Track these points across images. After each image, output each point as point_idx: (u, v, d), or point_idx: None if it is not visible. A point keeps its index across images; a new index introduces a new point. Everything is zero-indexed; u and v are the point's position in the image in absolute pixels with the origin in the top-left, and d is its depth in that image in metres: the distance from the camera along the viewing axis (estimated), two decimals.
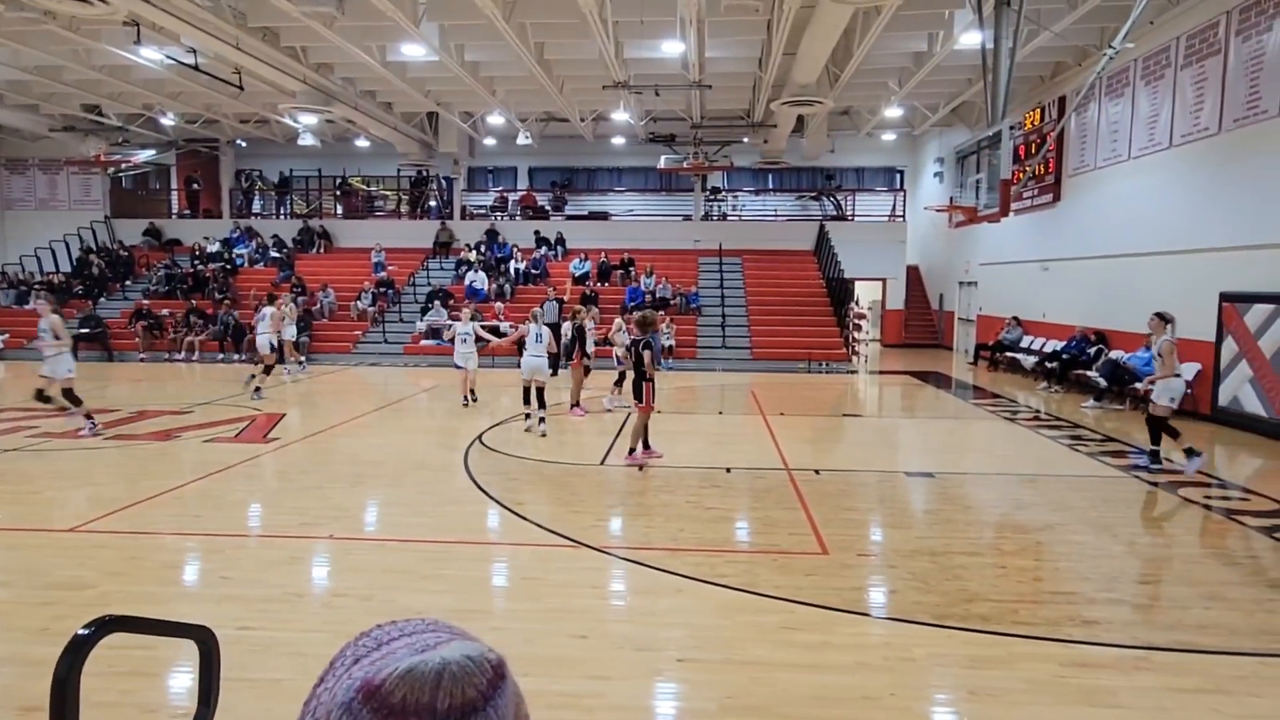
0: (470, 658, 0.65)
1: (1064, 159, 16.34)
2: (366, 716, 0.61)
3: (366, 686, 0.62)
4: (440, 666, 0.63)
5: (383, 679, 0.62)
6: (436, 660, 0.64)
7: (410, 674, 0.62)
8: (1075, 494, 7.43)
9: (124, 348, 19.34)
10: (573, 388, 11.78)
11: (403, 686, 0.62)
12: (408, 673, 0.62)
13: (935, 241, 24.90)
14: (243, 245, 23.93)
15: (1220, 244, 11.30)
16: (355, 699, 0.62)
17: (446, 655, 0.64)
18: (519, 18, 12.95)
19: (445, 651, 0.65)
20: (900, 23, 12.72)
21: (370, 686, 0.62)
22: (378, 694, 0.62)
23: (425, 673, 0.62)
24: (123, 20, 12.22)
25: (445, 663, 0.63)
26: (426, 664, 0.63)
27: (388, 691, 0.62)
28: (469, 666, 0.64)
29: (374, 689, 0.62)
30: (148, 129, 22.35)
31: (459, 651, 0.65)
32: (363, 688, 0.62)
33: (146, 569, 5.28)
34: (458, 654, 0.64)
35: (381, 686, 0.62)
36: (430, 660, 0.64)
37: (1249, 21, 10.77)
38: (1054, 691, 3.74)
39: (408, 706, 0.61)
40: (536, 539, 5.99)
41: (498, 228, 24.09)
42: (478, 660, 0.65)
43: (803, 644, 4.23)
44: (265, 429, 10.20)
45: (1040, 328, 17.00)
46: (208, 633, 1.40)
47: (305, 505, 6.77)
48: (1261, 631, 4.43)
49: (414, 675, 0.62)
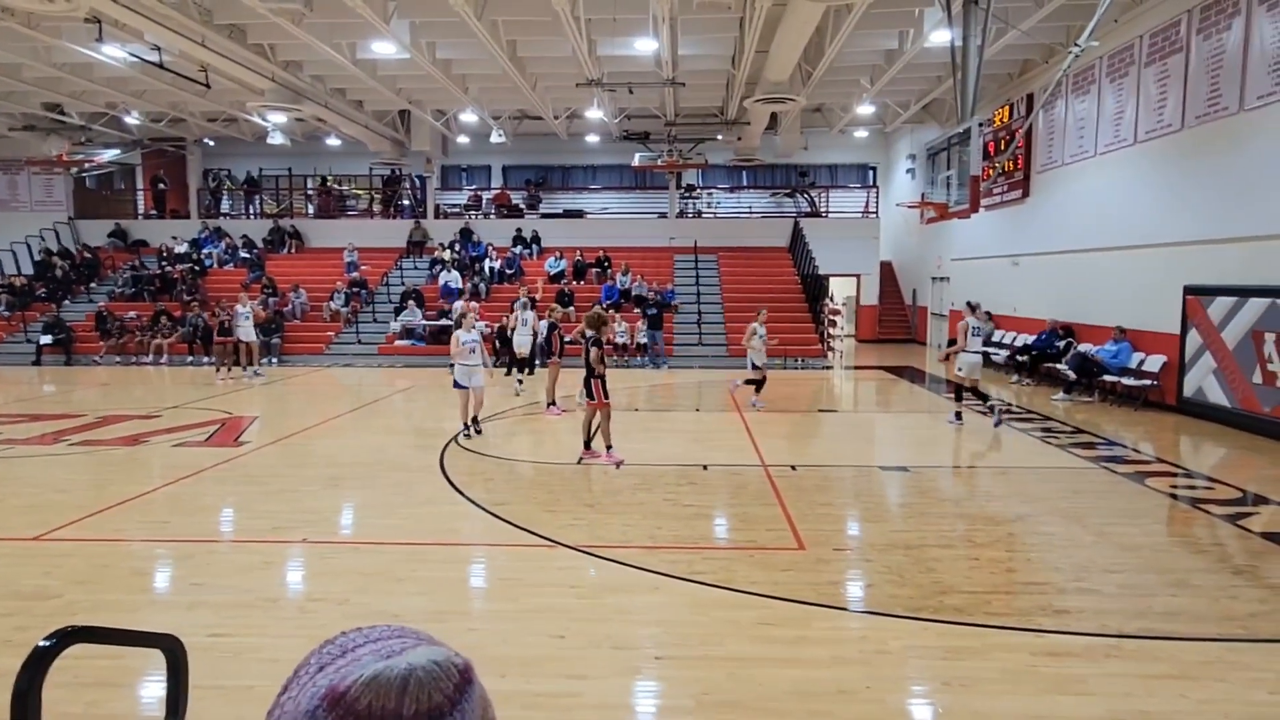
0: (436, 663, 0.64)
1: (1032, 155, 16.57)
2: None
3: (332, 694, 0.62)
4: (406, 672, 0.62)
5: (347, 686, 0.62)
6: (402, 666, 0.63)
7: (375, 680, 0.62)
8: (1046, 485, 7.54)
9: (90, 351, 18.96)
10: (548, 386, 11.74)
11: (368, 693, 0.61)
12: (373, 679, 0.62)
13: (908, 237, 25.16)
14: (211, 246, 23.55)
15: (1184, 238, 11.52)
16: (320, 706, 0.62)
17: (413, 661, 0.63)
18: (491, 15, 12.87)
19: (411, 657, 0.64)
20: (871, 21, 12.81)
21: (335, 694, 0.62)
22: (343, 701, 0.61)
23: (391, 679, 0.62)
24: (84, 17, 11.96)
25: (411, 668, 0.63)
26: (392, 670, 0.62)
27: (353, 698, 0.61)
28: (435, 672, 0.63)
29: (339, 696, 0.61)
30: (112, 128, 21.91)
31: (425, 657, 0.64)
32: (328, 695, 0.62)
33: (115, 576, 5.18)
34: (424, 659, 0.64)
35: (347, 693, 0.61)
36: (396, 666, 0.63)
37: (1209, 20, 10.99)
38: (1027, 680, 3.79)
39: (373, 713, 0.60)
40: (513, 539, 5.96)
41: (472, 226, 23.94)
42: (444, 665, 0.64)
43: (780, 639, 4.25)
44: (236, 432, 10.05)
45: (1011, 322, 17.24)
46: (175, 641, 1.37)
47: (278, 509, 6.68)
48: (1226, 618, 4.53)
49: (379, 681, 0.62)
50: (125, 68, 15.44)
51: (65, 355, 18.68)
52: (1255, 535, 6.08)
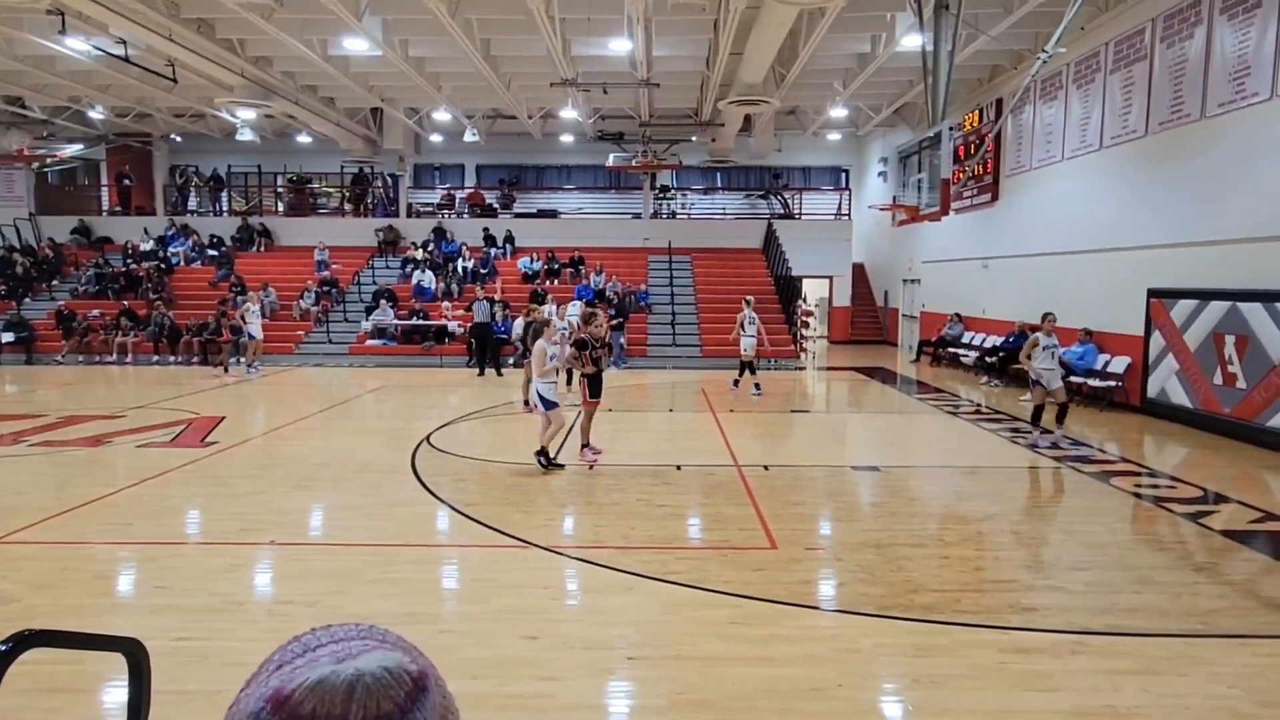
0: (388, 669, 0.62)
1: (1001, 160, 16.82)
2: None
3: (276, 696, 0.60)
4: (354, 678, 0.60)
5: (292, 689, 0.60)
6: (350, 671, 0.61)
7: (321, 685, 0.60)
8: (1014, 485, 7.66)
9: (52, 350, 18.53)
10: (523, 385, 11.68)
11: (312, 698, 0.59)
12: (318, 684, 0.60)
13: (880, 239, 25.41)
14: (178, 244, 23.13)
15: (1148, 242, 11.77)
16: (264, 709, 0.60)
17: (361, 666, 0.61)
18: (465, 13, 12.78)
19: (361, 662, 0.62)
20: (844, 24, 12.92)
21: (280, 697, 0.60)
22: (286, 704, 0.59)
23: (337, 684, 0.60)
24: (46, 9, 11.69)
25: (359, 674, 0.60)
26: (339, 675, 0.60)
27: (296, 703, 0.59)
28: (385, 679, 0.61)
29: (283, 700, 0.59)
30: (75, 122, 21.45)
31: (376, 663, 0.62)
32: (272, 697, 0.60)
33: (76, 580, 5.06)
34: (374, 665, 0.61)
35: (290, 697, 0.59)
36: (343, 672, 0.61)
37: (1172, 29, 11.24)
38: (994, 677, 3.84)
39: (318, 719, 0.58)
40: (486, 540, 5.92)
41: (445, 226, 23.77)
42: (395, 672, 0.62)
43: (751, 638, 4.27)
44: (203, 433, 9.88)
45: (981, 324, 17.48)
46: (136, 644, 1.34)
47: (246, 510, 6.58)
48: (1187, 614, 4.63)
49: (325, 687, 0.59)
50: (89, 61, 15.08)
51: (26, 354, 18.24)
52: (1215, 533, 6.22)
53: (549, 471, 7.84)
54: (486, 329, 16.89)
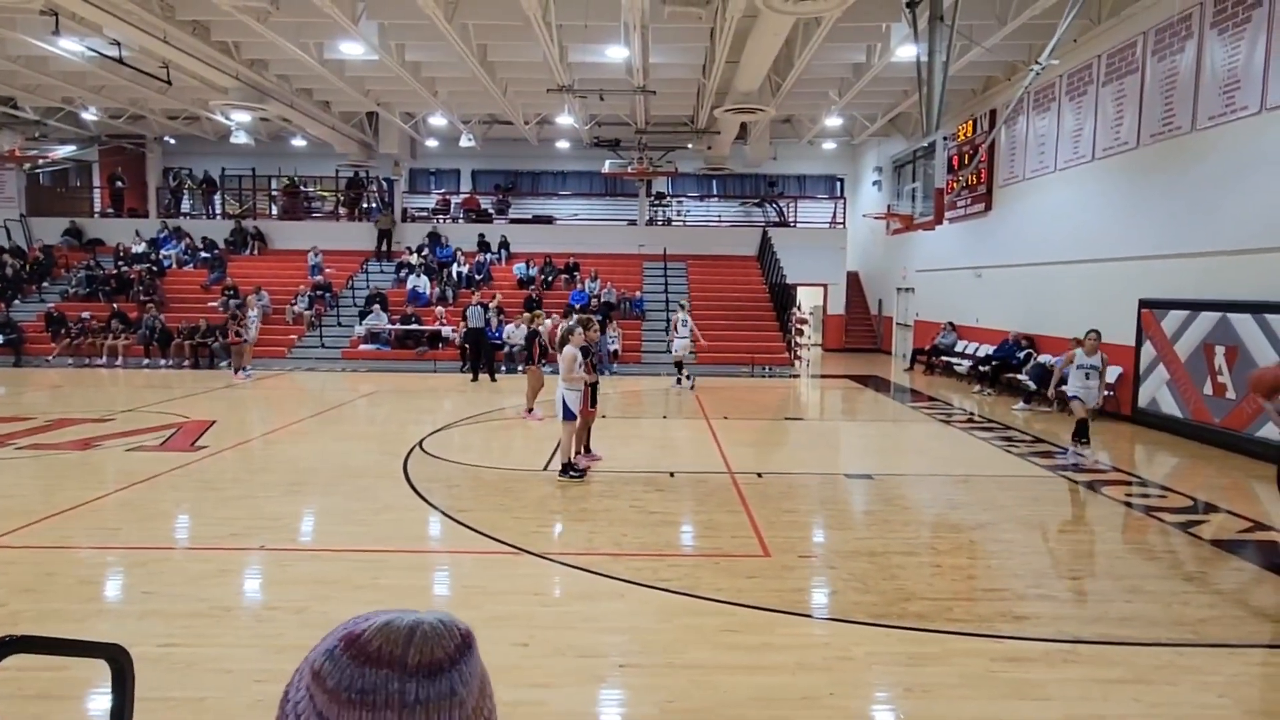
0: (443, 621, 0.73)
1: (995, 170, 16.90)
2: (345, 662, 0.69)
3: (348, 636, 0.71)
4: (415, 623, 0.71)
5: (362, 629, 0.71)
6: (411, 618, 0.72)
7: (387, 627, 0.71)
8: (1006, 493, 7.67)
9: (42, 352, 18.42)
10: (528, 392, 11.65)
11: (379, 637, 0.70)
12: (385, 625, 0.71)
13: (874, 248, 25.49)
14: (170, 246, 23.04)
15: (1139, 253, 11.83)
16: (338, 646, 0.71)
17: (422, 616, 0.73)
18: (461, 18, 12.79)
19: (422, 614, 0.73)
20: (840, 34, 12.98)
21: (351, 636, 0.71)
22: (357, 643, 0.70)
23: (400, 627, 0.71)
24: (40, 9, 11.66)
25: (420, 621, 0.72)
26: (403, 619, 0.72)
27: (365, 640, 0.70)
28: (440, 629, 0.72)
29: (354, 638, 0.70)
30: (68, 123, 21.39)
31: (434, 615, 0.73)
32: (345, 636, 0.71)
33: (61, 585, 5.01)
34: (432, 617, 0.73)
35: (360, 636, 0.70)
36: (405, 617, 0.72)
37: (1163, 43, 11.33)
38: (986, 686, 3.84)
39: (381, 657, 0.69)
40: (477, 546, 5.89)
41: (440, 231, 23.75)
42: (449, 625, 0.73)
43: (744, 646, 4.26)
44: (193, 436, 9.82)
45: (974, 333, 17.54)
46: (119, 650, 1.32)
47: (235, 515, 6.53)
48: (1178, 623, 4.63)
49: (390, 628, 0.71)
50: (83, 62, 15.06)
51: (15, 356, 18.12)
52: (1205, 542, 6.24)
53: (571, 481, 7.75)
54: (481, 334, 16.86)
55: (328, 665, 0.70)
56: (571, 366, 7.88)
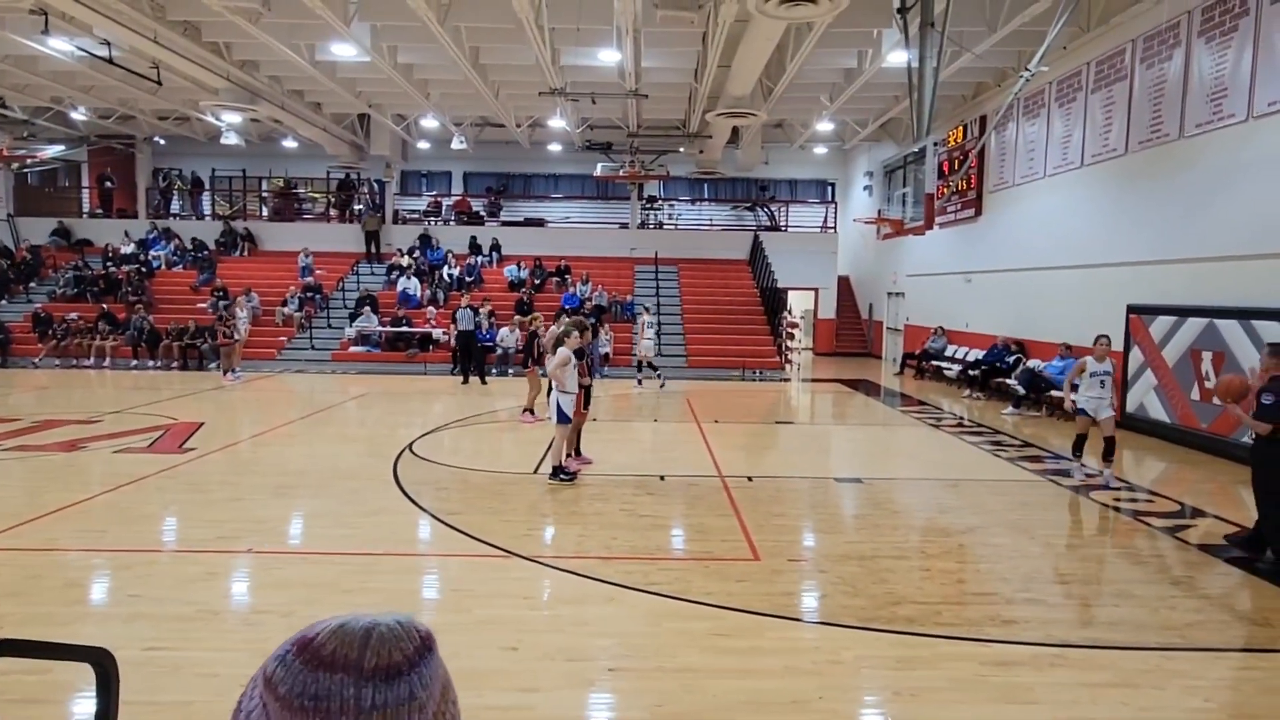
0: (400, 623, 0.70)
1: (985, 175, 17.00)
2: (298, 667, 0.67)
3: (301, 640, 0.69)
4: (371, 625, 0.69)
5: (316, 634, 0.69)
6: (367, 620, 0.70)
7: (341, 629, 0.68)
8: (995, 498, 7.70)
9: (28, 353, 18.27)
10: (529, 394, 11.63)
11: (333, 641, 0.67)
12: (339, 628, 0.69)
13: (865, 253, 25.58)
14: (159, 247, 22.90)
15: (1128, 259, 11.92)
16: (290, 651, 0.68)
17: (378, 618, 0.70)
18: (454, 21, 12.78)
19: (378, 616, 0.71)
20: (831, 40, 13.03)
21: (304, 640, 0.68)
22: (309, 646, 0.68)
23: (355, 630, 0.68)
24: (29, 8, 11.58)
25: (376, 623, 0.69)
26: (358, 622, 0.69)
27: (319, 644, 0.67)
28: (397, 631, 0.69)
29: (307, 642, 0.68)
30: (57, 123, 21.23)
31: (391, 618, 0.71)
32: (298, 641, 0.69)
33: (47, 588, 4.97)
34: (389, 619, 0.70)
35: (313, 640, 0.68)
36: (361, 619, 0.70)
37: (1152, 50, 11.42)
38: (975, 690, 3.85)
39: (336, 660, 0.66)
40: (466, 549, 5.87)
41: (431, 233, 23.70)
42: (407, 626, 0.70)
43: (733, 650, 4.26)
44: (181, 438, 9.76)
45: (963, 337, 17.61)
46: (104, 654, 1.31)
47: (223, 518, 6.49)
48: (1165, 627, 4.66)
49: (344, 631, 0.68)
50: (72, 62, 14.95)
51: (1, 357, 17.97)
52: (1192, 547, 6.28)
53: (562, 485, 7.75)
54: (471, 337, 16.82)
55: (280, 671, 0.67)
56: (566, 370, 7.88)
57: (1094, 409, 8.18)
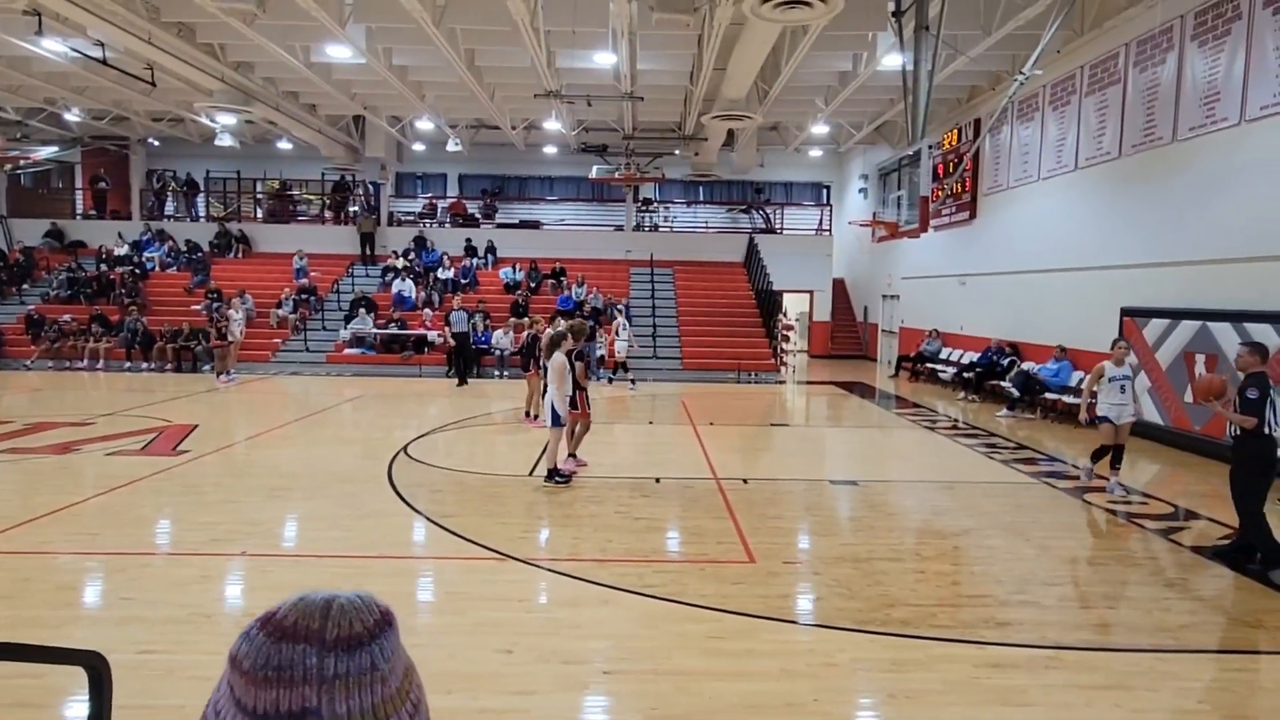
0: (360, 597, 0.72)
1: (979, 178, 17.04)
2: (261, 640, 0.68)
3: (264, 616, 0.70)
4: (330, 597, 0.71)
5: (277, 607, 0.70)
6: (327, 592, 0.71)
7: (301, 602, 0.70)
8: (990, 500, 7.71)
9: (21, 355, 18.19)
10: (530, 397, 11.62)
11: (294, 613, 0.69)
12: (300, 600, 0.70)
13: (860, 255, 25.63)
14: (153, 249, 22.83)
15: (1122, 261, 11.96)
16: (254, 626, 0.70)
17: (338, 592, 0.72)
18: (449, 23, 12.78)
19: (339, 590, 0.73)
20: (826, 43, 13.07)
21: (267, 615, 0.70)
22: (272, 620, 0.69)
23: (315, 601, 0.70)
24: (22, 9, 11.54)
25: (335, 596, 0.71)
26: (318, 594, 0.71)
27: (281, 617, 0.69)
28: (357, 603, 0.71)
29: (269, 616, 0.70)
30: (50, 124, 21.15)
31: (352, 592, 0.73)
32: (262, 617, 0.70)
33: (38, 591, 4.94)
34: (350, 593, 0.72)
35: (275, 614, 0.69)
36: (321, 592, 0.72)
37: (1145, 54, 11.47)
38: (969, 692, 3.85)
39: (298, 631, 0.68)
40: (462, 552, 5.86)
41: (426, 235, 23.67)
42: (367, 601, 0.72)
43: (728, 652, 4.25)
44: (175, 441, 9.72)
45: (958, 340, 17.65)
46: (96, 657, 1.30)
47: (217, 520, 6.46)
48: (1158, 629, 4.67)
49: (305, 603, 0.70)
50: (66, 63, 14.91)
51: None
52: (1186, 549, 6.30)
53: (557, 487, 7.73)
54: (466, 339, 16.82)
55: (244, 647, 0.68)
56: (563, 373, 7.88)
57: (1117, 415, 7.87)
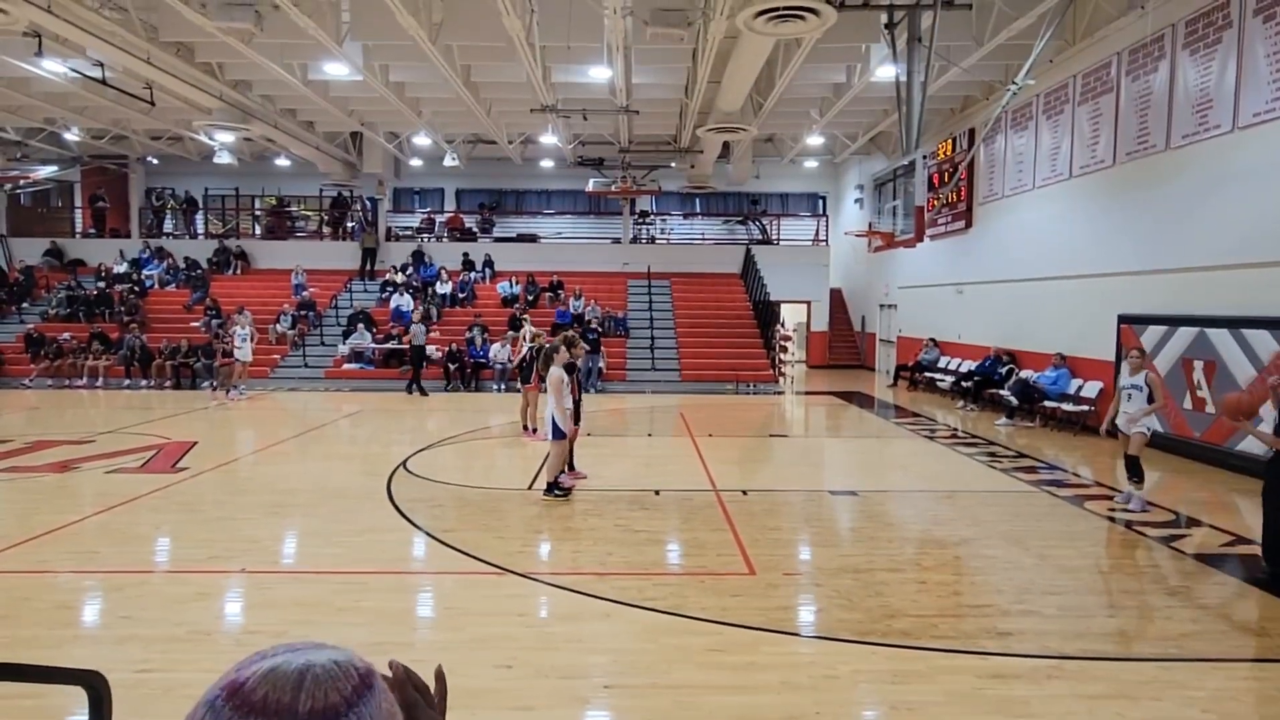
0: (336, 663, 0.66)
1: (974, 188, 17.11)
2: (228, 714, 0.62)
3: (231, 685, 0.64)
4: (304, 667, 0.64)
5: (246, 677, 0.64)
6: (301, 661, 0.65)
7: (273, 673, 0.64)
8: (990, 509, 7.70)
9: (20, 374, 18.17)
10: (531, 410, 11.61)
11: (264, 685, 0.63)
12: (270, 672, 0.64)
13: (857, 265, 25.69)
14: (152, 266, 22.87)
15: (1118, 269, 11.99)
16: (219, 696, 0.63)
17: (312, 658, 0.65)
18: (445, 39, 12.86)
19: (312, 655, 0.66)
20: (820, 55, 13.15)
21: (234, 685, 0.64)
22: (240, 691, 0.63)
23: (288, 673, 0.64)
24: (23, 31, 11.61)
25: (309, 665, 0.65)
26: (290, 664, 0.64)
27: (249, 689, 0.63)
28: (334, 671, 0.65)
29: (237, 687, 0.63)
30: (50, 144, 21.24)
31: (326, 657, 0.66)
32: (228, 685, 0.64)
33: (37, 610, 4.92)
34: (324, 659, 0.66)
35: (244, 685, 0.63)
36: (294, 661, 0.65)
37: (1137, 63, 11.55)
38: (971, 703, 3.83)
39: (269, 706, 0.62)
40: (461, 566, 5.84)
41: (424, 250, 23.73)
42: (343, 666, 0.66)
43: (729, 665, 4.24)
44: (174, 458, 9.71)
45: (956, 348, 17.66)
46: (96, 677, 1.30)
47: (215, 537, 6.45)
48: (1161, 637, 4.66)
49: (276, 675, 0.64)
50: (66, 83, 14.98)
51: None
52: (1188, 557, 6.29)
53: (557, 500, 7.72)
54: (421, 351, 16.96)
55: (208, 718, 0.63)
56: (560, 386, 7.88)
57: (1124, 425, 7.71)
